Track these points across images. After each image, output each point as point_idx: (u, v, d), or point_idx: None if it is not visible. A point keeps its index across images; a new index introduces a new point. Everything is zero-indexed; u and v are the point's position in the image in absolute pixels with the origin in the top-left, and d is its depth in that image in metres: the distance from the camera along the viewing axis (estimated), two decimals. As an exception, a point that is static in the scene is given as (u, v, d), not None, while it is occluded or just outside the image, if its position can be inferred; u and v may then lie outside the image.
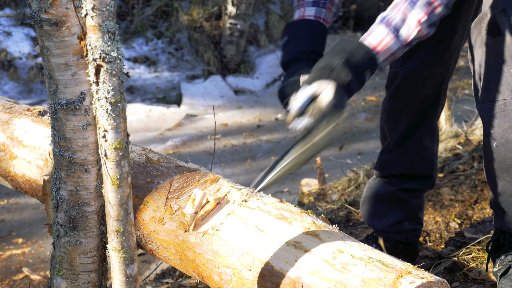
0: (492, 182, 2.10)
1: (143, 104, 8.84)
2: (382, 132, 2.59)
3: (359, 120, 8.28)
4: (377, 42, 1.95)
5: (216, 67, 9.92)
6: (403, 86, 2.47)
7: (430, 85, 2.46)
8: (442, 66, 2.45)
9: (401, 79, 2.46)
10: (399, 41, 1.96)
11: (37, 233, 5.62)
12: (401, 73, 2.45)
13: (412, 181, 2.53)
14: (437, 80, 2.46)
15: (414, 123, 2.50)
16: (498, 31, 1.98)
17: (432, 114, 2.51)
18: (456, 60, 2.51)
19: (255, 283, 1.62)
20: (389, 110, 2.53)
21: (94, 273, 1.80)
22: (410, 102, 2.48)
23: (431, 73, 2.44)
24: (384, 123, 2.55)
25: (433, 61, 2.42)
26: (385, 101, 2.55)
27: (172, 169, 1.92)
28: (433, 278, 1.48)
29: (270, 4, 11.07)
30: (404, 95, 2.48)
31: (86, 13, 1.29)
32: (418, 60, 2.42)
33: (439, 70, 2.45)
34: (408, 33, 1.96)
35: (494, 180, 2.09)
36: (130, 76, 1.54)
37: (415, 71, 2.43)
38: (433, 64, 2.43)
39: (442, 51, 2.41)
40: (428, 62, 2.42)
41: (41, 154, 2.08)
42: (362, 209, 2.63)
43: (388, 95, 2.53)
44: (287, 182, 6.56)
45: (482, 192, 3.15)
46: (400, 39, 1.96)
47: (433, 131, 2.54)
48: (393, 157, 2.53)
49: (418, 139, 2.51)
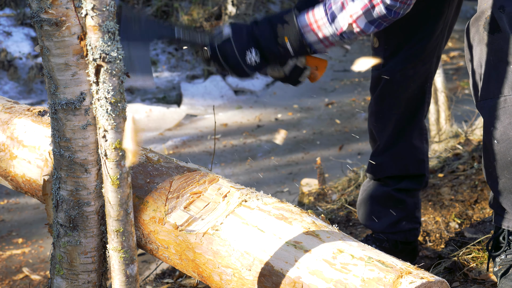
0: (492, 180, 2.10)
1: (143, 104, 8.84)
2: (371, 135, 2.60)
3: (359, 120, 8.28)
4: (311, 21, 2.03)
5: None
6: (388, 88, 2.47)
7: (415, 84, 2.46)
8: (425, 65, 2.45)
9: (386, 81, 2.46)
10: (333, 27, 2.02)
11: (37, 233, 5.62)
12: (385, 75, 2.46)
13: (406, 181, 2.54)
14: (421, 79, 2.47)
15: (402, 124, 2.50)
16: (496, 28, 1.98)
17: (419, 114, 2.52)
18: (438, 58, 2.50)
19: (255, 283, 1.62)
20: (377, 113, 2.53)
21: (94, 273, 1.80)
22: (397, 103, 2.48)
23: (415, 72, 2.44)
24: (373, 127, 2.55)
25: (415, 59, 2.43)
26: (372, 105, 2.55)
27: (172, 169, 1.92)
28: (433, 278, 1.48)
29: (270, 4, 11.07)
30: (390, 97, 2.48)
31: (86, 13, 1.29)
32: (400, 60, 2.42)
33: (422, 68, 2.45)
34: (342, 23, 2.01)
35: (494, 178, 2.09)
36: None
37: (399, 72, 2.43)
38: (416, 63, 2.43)
39: (423, 49, 2.41)
40: (411, 61, 2.43)
41: (41, 154, 2.08)
42: (359, 212, 2.63)
43: (374, 98, 2.53)
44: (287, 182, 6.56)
45: (482, 192, 3.15)
46: (333, 26, 2.02)
47: (421, 130, 2.55)
48: (384, 159, 2.53)
49: (408, 139, 2.51)
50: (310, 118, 8.52)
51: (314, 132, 8.09)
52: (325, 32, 2.03)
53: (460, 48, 10.69)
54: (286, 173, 6.85)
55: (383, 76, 2.46)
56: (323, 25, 2.02)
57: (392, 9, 1.98)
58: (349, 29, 2.01)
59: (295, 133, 8.01)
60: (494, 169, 2.07)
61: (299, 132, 8.07)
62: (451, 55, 9.69)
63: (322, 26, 2.03)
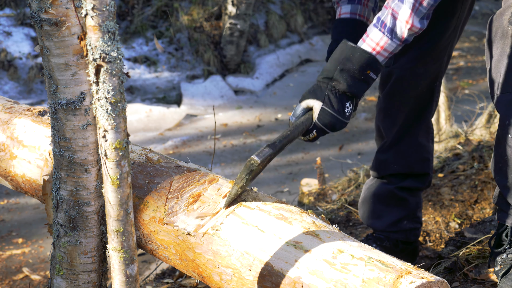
0: (501, 176, 2.09)
1: (143, 104, 8.84)
2: (378, 132, 2.60)
3: (359, 120, 8.28)
4: (374, 45, 2.03)
5: (216, 67, 9.92)
6: (398, 85, 2.47)
7: (425, 82, 2.46)
8: (435, 63, 2.46)
9: (396, 78, 2.46)
10: (395, 41, 2.03)
11: (37, 233, 5.62)
12: (396, 72, 2.46)
13: (410, 180, 2.54)
14: (431, 77, 2.47)
15: (409, 122, 2.50)
16: None
17: (427, 112, 2.52)
18: (449, 57, 2.51)
19: (255, 283, 1.62)
20: (385, 109, 2.53)
21: (94, 273, 1.80)
22: (406, 101, 2.48)
23: (425, 70, 2.44)
24: (381, 123, 2.55)
25: (426, 57, 2.43)
26: (381, 101, 2.55)
27: (172, 169, 1.92)
28: (433, 278, 1.48)
29: (270, 4, 11.07)
30: (399, 94, 2.49)
31: (86, 13, 1.29)
32: (411, 57, 2.42)
33: (433, 67, 2.45)
34: (401, 32, 2.03)
35: (503, 173, 2.08)
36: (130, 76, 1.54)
37: (410, 69, 2.44)
38: (427, 61, 2.43)
39: (435, 47, 2.42)
40: (422, 59, 2.43)
41: (41, 154, 2.08)
42: (361, 211, 2.63)
43: (383, 95, 2.53)
44: (287, 182, 6.56)
45: (482, 192, 3.15)
46: (395, 39, 2.03)
47: (428, 129, 2.55)
48: (389, 157, 2.53)
49: (414, 137, 2.52)
50: (310, 118, 8.50)
51: (314, 132, 8.07)
52: (390, 49, 2.06)
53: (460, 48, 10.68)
54: (286, 173, 6.85)
55: (393, 73, 2.46)
56: (385, 43, 2.04)
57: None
58: (409, 33, 2.04)
59: (295, 133, 7.99)
60: (505, 164, 2.07)
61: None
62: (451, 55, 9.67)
63: (385, 45, 2.05)
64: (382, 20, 2.04)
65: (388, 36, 2.03)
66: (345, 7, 2.29)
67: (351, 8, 2.28)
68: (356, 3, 2.27)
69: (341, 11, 2.30)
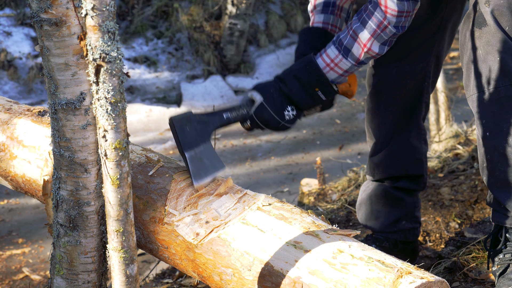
0: (486, 175, 2.10)
1: (143, 104, 8.84)
2: (368, 133, 2.60)
3: (359, 120, 8.28)
4: (328, 61, 2.14)
5: (216, 67, 9.92)
6: (385, 84, 2.47)
7: (411, 82, 2.46)
8: (422, 62, 2.45)
9: (382, 77, 2.47)
10: (350, 60, 2.14)
11: (37, 233, 5.62)
12: (381, 70, 2.46)
13: (404, 181, 2.54)
14: (418, 77, 2.46)
15: (399, 123, 2.50)
16: (484, 22, 2.03)
17: (416, 113, 2.51)
18: (437, 58, 2.50)
19: (255, 283, 1.62)
20: (373, 110, 2.53)
21: (94, 273, 1.80)
22: (393, 100, 2.48)
23: (412, 69, 2.44)
24: (369, 124, 2.55)
25: (411, 55, 2.43)
26: (368, 101, 2.55)
27: (172, 169, 1.92)
28: (433, 278, 1.48)
29: (270, 4, 11.07)
30: (386, 93, 2.48)
31: (86, 13, 1.29)
32: (394, 54, 2.42)
33: (419, 66, 2.45)
34: (358, 53, 2.13)
35: (488, 172, 2.09)
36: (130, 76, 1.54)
37: (395, 67, 2.44)
38: (412, 59, 2.43)
39: (419, 44, 2.42)
40: (406, 57, 2.43)
41: (41, 154, 2.08)
42: (359, 213, 2.63)
43: (370, 94, 2.53)
44: (287, 182, 6.56)
45: (482, 192, 3.15)
46: (350, 59, 2.13)
47: (419, 130, 2.54)
48: (382, 160, 2.53)
49: (406, 139, 2.51)
50: (310, 118, 8.51)
51: (314, 132, 8.09)
52: (343, 67, 2.15)
53: (460, 48, 10.67)
54: (286, 173, 6.85)
55: (378, 72, 2.47)
56: (339, 61, 2.14)
57: (399, 25, 2.11)
58: (365, 56, 2.13)
59: (295, 133, 8.01)
60: (488, 163, 2.07)
61: (299, 132, 8.07)
62: (451, 55, 9.68)
63: (339, 63, 2.14)
64: (341, 39, 2.13)
65: (344, 56, 2.12)
66: (318, 16, 2.36)
67: (323, 17, 2.35)
68: (329, 13, 2.35)
69: (314, 19, 2.37)
